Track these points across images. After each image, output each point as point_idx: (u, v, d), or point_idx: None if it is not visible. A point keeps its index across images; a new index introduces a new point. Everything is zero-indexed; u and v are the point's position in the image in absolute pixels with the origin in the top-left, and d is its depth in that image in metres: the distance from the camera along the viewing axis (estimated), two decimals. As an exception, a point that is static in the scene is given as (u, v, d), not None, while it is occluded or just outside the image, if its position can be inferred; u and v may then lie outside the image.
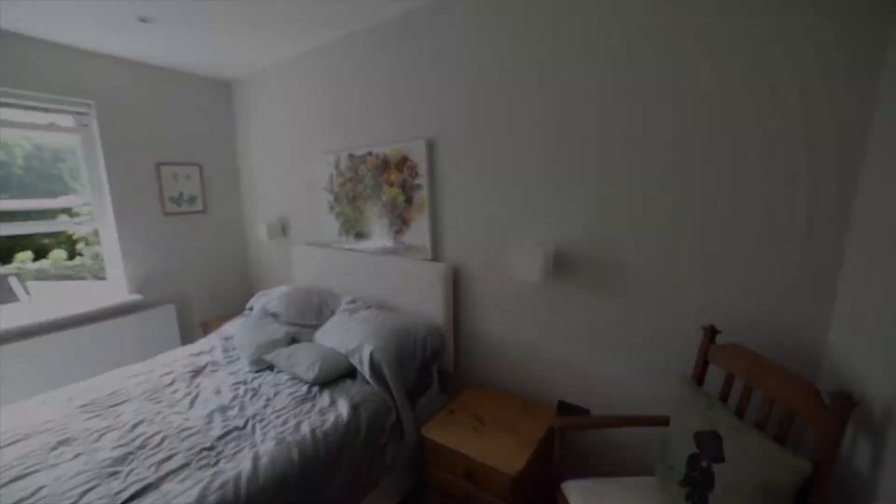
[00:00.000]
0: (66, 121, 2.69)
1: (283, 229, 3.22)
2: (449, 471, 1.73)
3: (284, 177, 3.13)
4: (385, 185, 2.32)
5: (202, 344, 2.44)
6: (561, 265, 1.81)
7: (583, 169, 1.70)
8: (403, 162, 2.20)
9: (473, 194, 2.04)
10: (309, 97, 2.79)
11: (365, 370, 1.88)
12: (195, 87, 3.22)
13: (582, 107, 1.67)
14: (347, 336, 2.04)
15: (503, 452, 1.62)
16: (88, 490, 1.33)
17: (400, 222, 2.29)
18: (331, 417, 1.69)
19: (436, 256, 2.23)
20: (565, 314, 1.86)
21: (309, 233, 3.01)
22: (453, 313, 2.19)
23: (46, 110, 2.58)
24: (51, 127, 2.66)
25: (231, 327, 2.59)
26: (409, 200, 2.22)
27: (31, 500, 1.29)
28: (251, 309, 2.70)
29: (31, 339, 2.48)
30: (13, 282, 3.70)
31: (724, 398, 1.34)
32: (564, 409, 1.94)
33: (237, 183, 3.60)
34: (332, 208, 2.69)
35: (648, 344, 1.66)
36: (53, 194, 2.79)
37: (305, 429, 1.61)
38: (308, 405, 1.78)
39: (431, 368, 2.10)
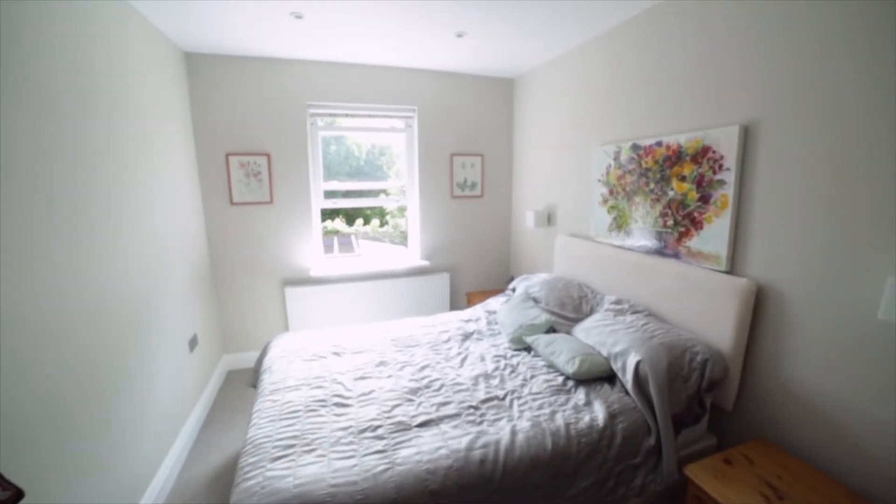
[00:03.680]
0: (398, 124, 3.53)
1: (548, 218, 3.32)
2: (719, 532, 1.42)
3: (555, 167, 3.19)
4: (675, 179, 2.02)
5: (470, 313, 2.80)
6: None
7: None
8: (703, 153, 1.85)
9: (805, 195, 1.53)
10: (586, 88, 2.72)
11: (627, 379, 1.74)
12: (485, 87, 3.66)
13: None
14: (611, 338, 1.92)
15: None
16: (395, 406, 1.74)
17: (688, 223, 1.96)
18: (585, 418, 1.64)
19: (732, 268, 1.81)
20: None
21: (574, 224, 2.99)
22: (746, 342, 1.75)
23: (388, 116, 3.47)
24: (391, 129, 3.56)
25: (494, 303, 2.86)
26: (703, 198, 1.87)
27: (368, 396, 1.82)
28: (513, 290, 2.90)
29: (361, 282, 3.47)
30: (353, 239, 5.25)
31: None
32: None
33: (510, 172, 3.92)
34: (605, 201, 2.56)
35: None
36: (377, 179, 3.81)
37: (560, 420, 1.62)
38: (563, 397, 1.78)
39: (705, 400, 1.76)
